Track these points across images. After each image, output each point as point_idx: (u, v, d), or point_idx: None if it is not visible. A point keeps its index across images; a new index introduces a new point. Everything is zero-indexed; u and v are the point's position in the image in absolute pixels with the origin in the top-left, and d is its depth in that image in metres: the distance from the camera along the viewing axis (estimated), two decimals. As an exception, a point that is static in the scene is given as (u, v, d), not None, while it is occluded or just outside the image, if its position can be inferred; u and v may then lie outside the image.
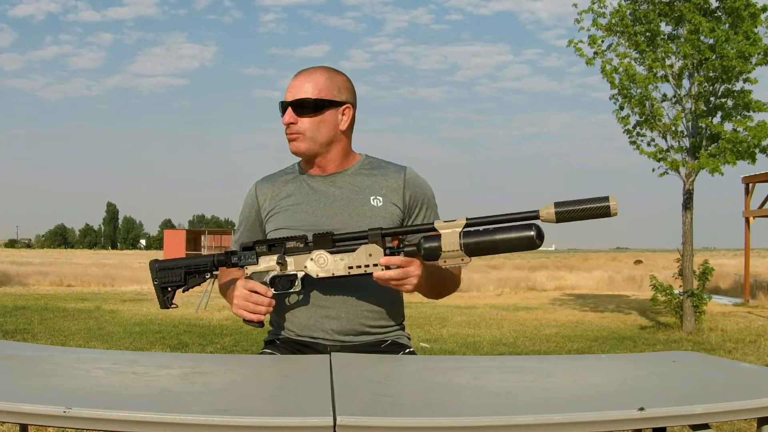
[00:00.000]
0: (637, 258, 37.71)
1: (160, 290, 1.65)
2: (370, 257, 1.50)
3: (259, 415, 1.02)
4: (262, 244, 1.59)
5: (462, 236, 1.41)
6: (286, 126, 1.71)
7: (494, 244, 1.39)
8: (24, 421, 1.03)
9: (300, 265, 1.56)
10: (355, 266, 1.51)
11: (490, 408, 1.12)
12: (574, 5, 8.82)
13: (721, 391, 1.25)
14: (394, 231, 1.52)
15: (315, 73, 1.72)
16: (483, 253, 1.40)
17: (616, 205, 1.34)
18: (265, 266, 1.58)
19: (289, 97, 1.71)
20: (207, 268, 1.63)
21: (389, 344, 1.72)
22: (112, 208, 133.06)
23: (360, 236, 1.53)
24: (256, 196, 1.80)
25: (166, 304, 1.66)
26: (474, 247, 1.40)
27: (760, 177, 13.19)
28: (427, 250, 1.43)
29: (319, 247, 1.54)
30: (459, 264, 1.43)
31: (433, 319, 10.18)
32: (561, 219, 1.37)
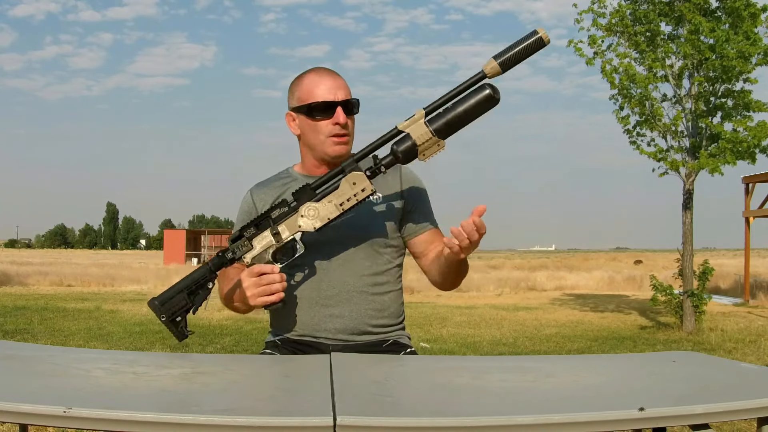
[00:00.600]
0: (637, 258, 37.71)
1: (171, 324, 1.59)
2: (354, 186, 1.49)
3: (259, 415, 1.02)
4: (248, 227, 1.57)
5: (428, 124, 1.44)
6: (342, 126, 1.66)
7: (459, 116, 1.43)
8: (24, 421, 1.03)
9: (293, 228, 1.54)
10: (345, 200, 1.50)
11: (490, 408, 1.12)
12: (574, 5, 8.82)
13: (721, 391, 1.25)
14: (363, 153, 1.52)
15: (338, 75, 1.71)
16: (454, 129, 1.44)
17: (546, 33, 1.41)
18: (260, 246, 1.56)
19: (336, 96, 1.66)
20: (206, 278, 1.59)
21: (390, 344, 1.72)
22: (112, 208, 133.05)
23: (336, 173, 1.53)
24: (253, 202, 1.78)
25: (183, 334, 1.60)
26: (444, 128, 1.43)
27: (760, 177, 13.18)
28: (404, 151, 1.45)
29: (304, 201, 1.53)
30: (437, 151, 1.45)
31: (433, 319, 10.17)
32: (505, 66, 1.43)
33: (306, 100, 1.67)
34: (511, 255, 66.82)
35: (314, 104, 1.66)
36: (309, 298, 1.68)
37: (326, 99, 1.65)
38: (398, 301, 1.76)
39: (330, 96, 1.65)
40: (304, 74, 1.72)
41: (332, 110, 1.65)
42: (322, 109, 1.66)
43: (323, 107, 1.65)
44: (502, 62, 1.42)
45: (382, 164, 1.49)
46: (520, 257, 54.56)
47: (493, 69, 1.43)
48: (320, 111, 1.66)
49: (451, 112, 1.43)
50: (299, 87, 1.70)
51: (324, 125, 1.66)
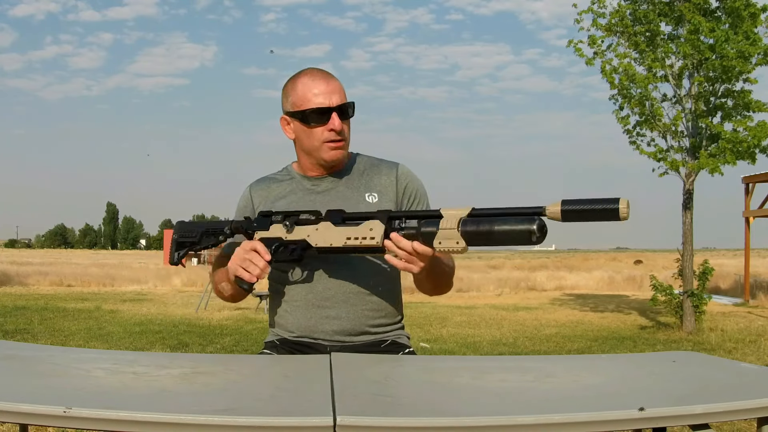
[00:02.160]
0: (637, 258, 37.71)
1: (175, 244, 1.71)
2: (370, 231, 1.47)
3: (259, 415, 1.02)
4: (279, 214, 1.60)
5: (461, 224, 1.36)
6: (337, 132, 1.64)
7: (491, 233, 1.32)
8: (24, 421, 1.03)
9: (304, 234, 1.55)
10: (353, 237, 1.48)
11: (490, 408, 1.12)
12: (574, 5, 8.82)
13: (721, 391, 1.25)
14: (399, 214, 1.47)
15: (334, 77, 1.69)
16: (479, 241, 1.34)
17: (627, 209, 1.26)
18: (273, 233, 1.58)
19: (331, 102, 1.64)
20: (221, 231, 1.66)
21: (389, 344, 1.72)
22: (112, 208, 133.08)
23: (369, 216, 1.50)
24: (251, 198, 1.79)
25: (174, 260, 1.71)
26: (471, 235, 1.34)
27: (760, 177, 13.18)
28: (425, 233, 1.40)
29: (326, 220, 1.54)
30: (453, 248, 1.36)
31: (433, 319, 10.18)
32: (567, 218, 1.29)
33: (300, 106, 1.65)
34: (511, 255, 66.81)
35: (309, 111, 1.64)
36: (306, 299, 1.68)
37: (321, 105, 1.63)
38: (396, 300, 1.76)
39: (325, 101, 1.63)
40: (297, 77, 1.70)
41: (327, 116, 1.63)
42: (317, 115, 1.64)
43: (318, 113, 1.63)
44: (565, 211, 1.29)
45: (402, 232, 1.45)
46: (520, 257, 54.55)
47: (555, 213, 1.30)
48: (315, 117, 1.64)
49: (487, 225, 1.33)
50: (293, 91, 1.68)
51: (319, 132, 1.65)
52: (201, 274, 18.62)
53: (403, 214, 1.46)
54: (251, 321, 9.45)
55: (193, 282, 18.27)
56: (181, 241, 1.71)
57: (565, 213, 1.29)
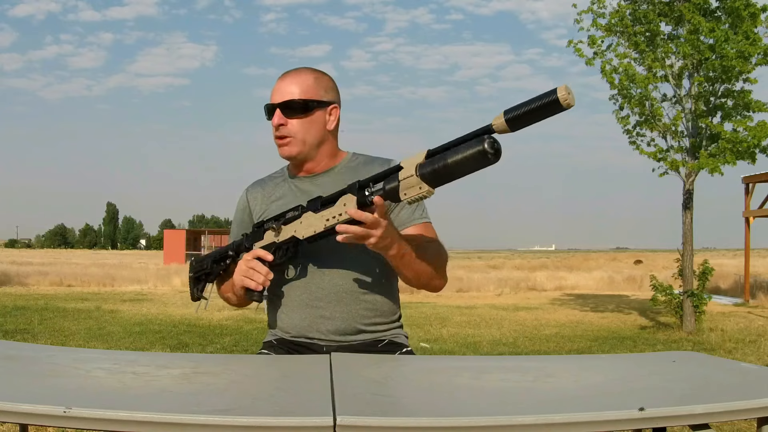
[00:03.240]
0: (637, 258, 37.69)
1: (192, 281, 1.79)
2: (344, 206, 1.48)
3: (259, 415, 1.02)
4: (270, 220, 1.65)
5: (418, 168, 1.34)
6: (275, 128, 1.69)
7: (447, 167, 1.30)
8: (24, 421, 1.03)
9: (291, 231, 1.59)
10: (331, 217, 1.50)
11: (490, 408, 1.12)
12: (574, 5, 8.82)
13: (721, 391, 1.25)
14: (366, 180, 1.47)
15: (301, 75, 1.71)
16: (440, 179, 1.32)
17: (568, 95, 1.20)
18: (267, 240, 1.64)
19: (276, 99, 1.69)
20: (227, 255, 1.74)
21: (386, 343, 1.72)
22: (112, 208, 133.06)
23: (342, 191, 1.51)
24: (248, 201, 1.82)
25: (195, 295, 1.79)
26: (430, 175, 1.32)
27: (760, 177, 13.18)
28: (389, 189, 1.39)
29: (307, 210, 1.57)
30: (418, 194, 1.34)
31: (433, 319, 10.17)
32: (515, 126, 1.26)
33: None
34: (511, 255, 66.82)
35: (264, 107, 1.72)
36: (300, 300, 1.69)
37: (269, 102, 1.71)
38: (391, 300, 1.75)
39: (273, 99, 1.70)
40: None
41: (273, 113, 1.69)
42: (267, 112, 1.71)
43: (266, 110, 1.71)
44: (510, 118, 1.25)
45: (371, 197, 1.45)
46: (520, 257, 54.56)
47: (501, 125, 1.26)
48: (266, 115, 1.72)
49: (441, 161, 1.31)
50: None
51: (272, 128, 1.72)
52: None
53: (371, 179, 1.46)
54: (251, 321, 9.45)
55: (193, 282, 18.20)
56: (196, 276, 1.79)
57: (510, 121, 1.26)
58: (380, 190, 1.42)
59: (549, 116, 1.25)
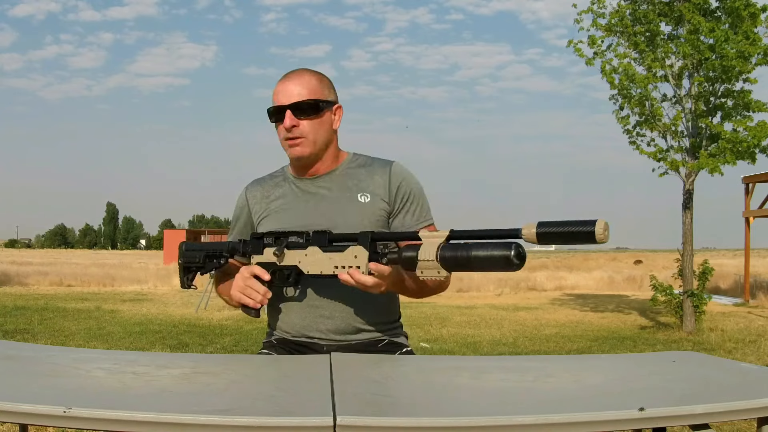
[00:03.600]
0: (637, 258, 37.69)
1: (183, 269, 1.77)
2: (355, 259, 1.49)
3: (259, 415, 1.02)
4: (270, 236, 1.63)
5: (440, 249, 1.34)
6: (288, 130, 1.68)
7: (469, 260, 1.30)
8: (24, 421, 1.03)
9: (295, 260, 1.58)
10: (340, 266, 1.51)
11: (490, 408, 1.12)
12: (574, 5, 8.83)
13: (721, 391, 1.25)
14: (382, 236, 1.49)
15: (304, 76, 1.71)
16: (459, 268, 1.33)
17: (604, 232, 1.22)
18: (266, 258, 1.63)
19: (285, 100, 1.68)
20: (221, 254, 1.72)
21: (386, 343, 1.72)
22: (112, 208, 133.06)
23: (353, 237, 1.52)
24: (247, 200, 1.82)
25: (185, 284, 1.78)
26: (450, 261, 1.33)
27: (760, 177, 13.18)
28: (406, 259, 1.39)
29: (315, 244, 1.56)
30: (435, 276, 1.35)
31: (433, 319, 10.18)
32: (543, 241, 1.27)
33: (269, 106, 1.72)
34: (511, 255, 66.65)
35: (270, 109, 1.71)
36: (299, 300, 1.69)
37: (278, 103, 1.69)
38: (392, 300, 1.75)
39: (282, 100, 1.68)
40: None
41: (283, 114, 1.68)
42: (275, 113, 1.70)
43: (275, 112, 1.70)
44: (541, 233, 1.26)
45: (386, 256, 1.45)
46: (520, 257, 54.40)
47: (530, 235, 1.27)
48: (274, 116, 1.70)
49: (464, 251, 1.31)
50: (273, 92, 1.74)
51: (280, 130, 1.71)
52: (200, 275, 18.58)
53: (384, 235, 1.49)
54: (251, 321, 9.44)
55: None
56: (186, 266, 1.77)
57: (540, 235, 1.27)
58: (395, 254, 1.43)
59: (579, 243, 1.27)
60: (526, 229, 1.28)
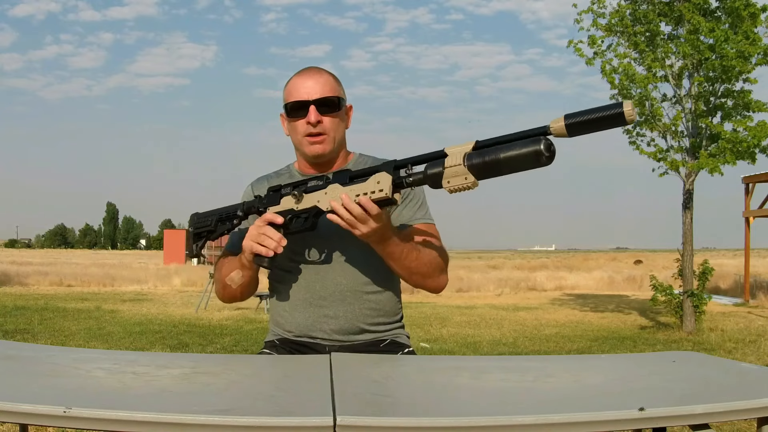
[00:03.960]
0: (637, 258, 37.68)
1: (192, 236, 1.73)
2: (377, 185, 1.44)
3: (259, 415, 1.02)
4: (288, 186, 1.60)
5: (467, 158, 1.30)
6: (313, 125, 1.67)
7: (499, 161, 1.27)
8: (24, 421, 1.03)
9: (314, 200, 1.54)
10: (362, 193, 1.45)
11: (490, 408, 1.12)
12: (574, 5, 8.82)
13: (721, 391, 1.25)
14: (404, 161, 1.44)
15: (323, 73, 1.71)
16: (488, 172, 1.29)
17: (632, 111, 1.19)
18: (284, 206, 1.59)
19: (307, 96, 1.66)
20: (235, 214, 1.68)
21: (388, 343, 1.73)
22: (112, 208, 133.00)
23: (375, 169, 1.47)
24: (253, 195, 1.80)
25: (194, 252, 1.72)
26: (480, 166, 1.29)
27: (760, 177, 13.18)
28: (431, 175, 1.35)
29: (335, 182, 1.52)
30: (463, 184, 1.31)
31: (433, 319, 10.17)
32: (573, 132, 1.23)
33: (286, 101, 1.71)
34: (511, 255, 66.81)
35: (290, 104, 1.69)
36: (303, 299, 1.69)
37: (300, 98, 1.67)
38: (394, 299, 1.75)
39: (304, 96, 1.67)
40: (293, 75, 1.74)
41: (306, 109, 1.66)
42: (297, 108, 1.68)
43: (297, 107, 1.68)
44: (570, 124, 1.23)
45: (410, 178, 1.42)
46: (520, 257, 54.56)
47: (559, 128, 1.23)
48: (295, 111, 1.68)
49: (493, 153, 1.28)
50: (286, 88, 1.73)
51: (300, 125, 1.68)
52: (201, 274, 18.63)
53: (408, 160, 1.43)
54: (251, 321, 9.45)
55: (193, 282, 18.27)
56: (197, 232, 1.73)
57: (570, 127, 1.23)
58: (420, 173, 1.39)
59: (609, 128, 1.23)
60: (554, 123, 1.25)
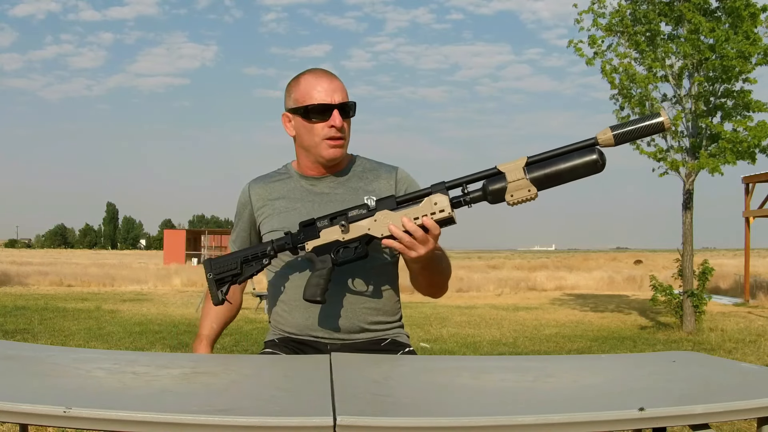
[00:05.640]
0: (637, 258, 37.69)
1: (214, 283, 1.63)
2: (436, 205, 1.46)
3: (259, 415, 1.02)
4: (324, 219, 1.57)
5: (527, 170, 1.40)
6: (338, 129, 1.66)
7: (559, 172, 1.39)
8: (24, 421, 1.03)
9: (363, 229, 1.53)
10: (421, 215, 1.47)
11: (490, 408, 1.12)
12: (574, 5, 8.83)
13: (721, 391, 1.25)
14: (457, 181, 1.47)
15: (336, 77, 1.71)
16: (549, 182, 1.40)
17: (668, 120, 1.38)
18: (326, 238, 1.56)
19: (331, 100, 1.66)
20: (264, 253, 1.62)
21: (389, 342, 1.73)
22: (112, 208, 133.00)
23: (423, 193, 1.49)
24: (249, 196, 1.80)
25: (219, 298, 1.64)
26: (542, 178, 1.40)
27: (760, 177, 13.19)
28: (494, 191, 1.42)
29: (383, 208, 1.51)
30: (527, 196, 1.40)
31: (433, 319, 10.18)
32: (619, 140, 1.39)
33: (303, 102, 1.67)
34: (511, 255, 66.81)
35: (311, 106, 1.66)
36: (302, 299, 1.69)
37: (323, 101, 1.65)
38: (393, 299, 1.76)
39: (327, 98, 1.65)
40: (301, 75, 1.72)
41: (328, 113, 1.65)
42: (319, 111, 1.65)
43: (320, 109, 1.65)
44: (617, 135, 1.38)
45: (468, 197, 1.45)
46: (520, 257, 54.57)
47: (607, 139, 1.39)
48: (316, 113, 1.66)
49: (553, 165, 1.39)
50: (296, 88, 1.70)
51: (320, 128, 1.67)
52: (201, 274, 18.62)
53: (460, 180, 1.47)
54: (251, 321, 9.45)
55: (193, 282, 18.29)
56: (219, 278, 1.64)
57: (617, 137, 1.39)
58: (478, 191, 1.45)
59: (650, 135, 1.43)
60: (602, 134, 1.39)
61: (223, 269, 1.64)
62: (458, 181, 1.47)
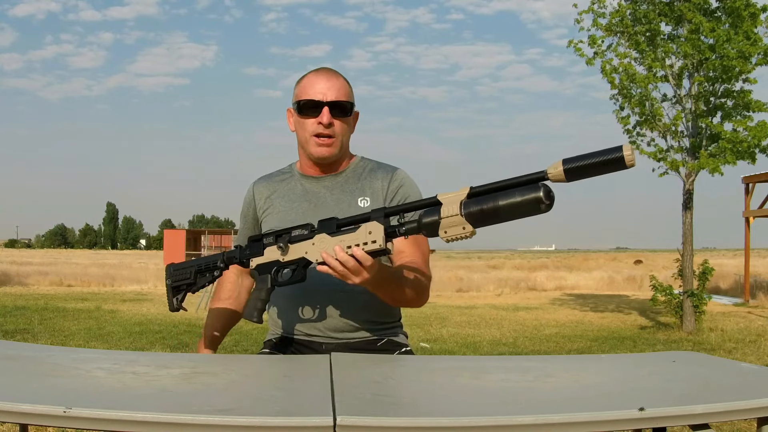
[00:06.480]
0: (637, 258, 37.68)
1: (171, 290, 1.66)
2: (370, 235, 1.40)
3: (259, 415, 1.02)
4: (270, 235, 1.55)
5: (463, 206, 1.27)
6: (325, 126, 1.66)
7: (497, 209, 1.24)
8: (24, 421, 1.03)
9: (301, 252, 1.50)
10: (353, 245, 1.41)
11: (490, 408, 1.12)
12: (574, 5, 8.83)
13: (721, 391, 1.25)
14: (396, 209, 1.40)
15: (337, 76, 1.72)
16: (486, 220, 1.26)
17: (632, 155, 1.16)
18: (268, 257, 1.54)
19: (322, 97, 1.66)
20: (215, 266, 1.61)
21: (386, 342, 1.73)
22: (112, 208, 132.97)
23: (364, 218, 1.43)
24: (253, 196, 1.83)
25: (174, 306, 1.66)
26: (477, 215, 1.25)
27: (760, 177, 13.19)
28: (426, 224, 1.31)
29: (322, 231, 1.47)
30: (461, 234, 1.28)
31: (433, 319, 10.17)
32: (571, 177, 1.20)
33: (299, 97, 1.71)
34: (511, 255, 66.81)
35: (302, 102, 1.69)
36: (299, 299, 1.70)
37: (314, 98, 1.67)
38: None
39: (319, 96, 1.67)
40: (308, 72, 1.75)
41: (319, 110, 1.67)
42: (310, 107, 1.68)
43: (310, 105, 1.68)
44: (568, 169, 1.19)
45: (404, 228, 1.37)
46: (520, 257, 54.55)
47: (557, 174, 1.20)
48: (308, 109, 1.68)
49: (491, 201, 1.24)
50: (299, 84, 1.73)
51: (309, 123, 1.69)
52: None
53: (398, 208, 1.40)
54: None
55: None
56: (176, 285, 1.66)
57: (568, 172, 1.20)
58: (414, 222, 1.35)
59: (609, 172, 1.20)
60: (552, 169, 1.21)
61: (180, 277, 1.66)
62: (398, 208, 1.40)
